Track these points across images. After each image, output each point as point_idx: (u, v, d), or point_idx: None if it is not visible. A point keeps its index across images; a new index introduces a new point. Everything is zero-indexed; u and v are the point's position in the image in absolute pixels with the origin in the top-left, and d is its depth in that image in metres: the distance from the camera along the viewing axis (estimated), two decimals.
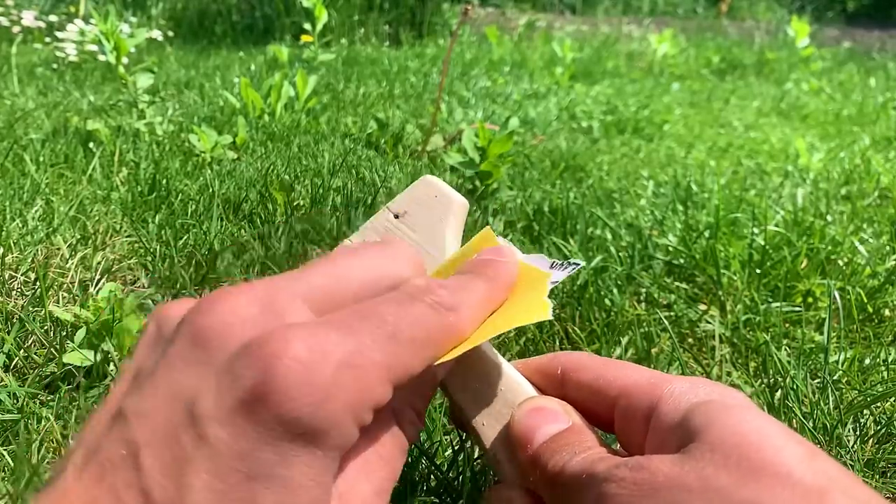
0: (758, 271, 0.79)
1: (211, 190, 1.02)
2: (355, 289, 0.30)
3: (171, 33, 3.15)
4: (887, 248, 0.90)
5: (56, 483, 0.26)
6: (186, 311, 0.28)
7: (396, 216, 0.38)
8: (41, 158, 1.13)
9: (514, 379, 0.35)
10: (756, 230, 0.86)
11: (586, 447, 0.30)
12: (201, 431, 0.25)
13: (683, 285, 0.80)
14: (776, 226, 0.91)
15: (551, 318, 0.32)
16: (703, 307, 0.76)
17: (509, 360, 0.35)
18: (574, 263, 0.36)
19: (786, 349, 0.67)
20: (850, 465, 0.51)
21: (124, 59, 1.29)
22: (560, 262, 0.35)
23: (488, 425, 0.34)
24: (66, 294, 0.72)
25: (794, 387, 0.58)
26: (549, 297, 0.33)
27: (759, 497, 0.24)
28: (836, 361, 0.64)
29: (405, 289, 0.30)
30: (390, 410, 0.30)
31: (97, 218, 0.90)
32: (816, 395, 0.58)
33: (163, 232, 0.87)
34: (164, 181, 1.03)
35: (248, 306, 0.28)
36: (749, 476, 0.25)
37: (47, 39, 2.61)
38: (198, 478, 0.25)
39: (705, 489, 0.25)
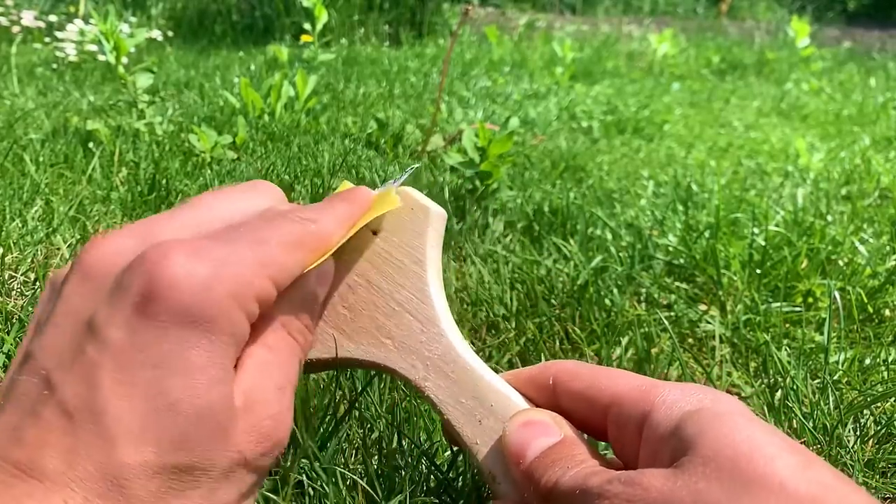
0: (758, 271, 0.79)
1: (211, 190, 1.02)
2: (222, 222, 0.33)
3: (170, 33, 3.15)
4: (887, 248, 0.90)
5: None
6: (76, 259, 0.31)
7: (375, 233, 0.37)
8: (41, 158, 1.13)
9: (503, 392, 0.35)
10: (756, 230, 0.86)
11: (579, 461, 0.30)
12: (103, 337, 0.27)
13: (684, 285, 0.80)
14: (776, 226, 0.91)
15: (398, 204, 0.35)
16: (703, 307, 0.76)
17: (507, 365, 0.35)
18: (410, 168, 0.37)
19: (786, 349, 0.67)
20: (851, 465, 0.51)
21: (124, 59, 1.28)
22: (400, 176, 0.37)
23: (481, 442, 0.34)
24: None
25: (795, 387, 0.58)
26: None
27: None
28: (837, 361, 0.64)
29: (269, 211, 0.33)
30: (280, 322, 0.33)
31: (97, 218, 0.90)
32: (816, 396, 0.58)
33: None
34: (164, 181, 1.03)
35: (126, 240, 0.31)
36: (742, 489, 0.25)
37: (47, 39, 2.61)
38: (107, 376, 0.27)
39: None
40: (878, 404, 0.58)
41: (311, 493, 0.43)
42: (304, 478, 0.43)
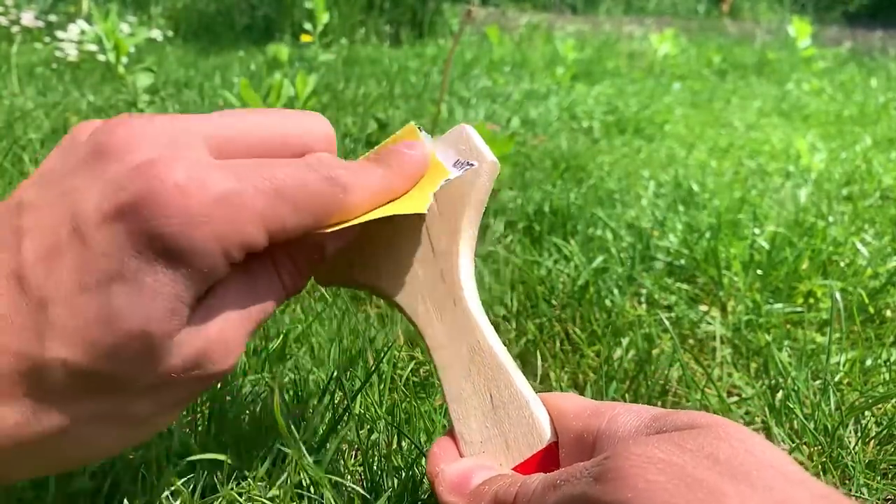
0: (759, 272, 0.79)
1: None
2: (258, 143, 0.32)
3: (170, 33, 3.15)
4: (889, 248, 0.89)
5: None
6: (97, 126, 0.30)
7: None
8: (40, 158, 1.13)
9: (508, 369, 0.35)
10: (757, 231, 0.85)
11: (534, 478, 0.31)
12: (78, 228, 0.27)
13: (684, 286, 0.80)
14: (777, 226, 0.91)
15: (425, 211, 0.32)
16: (704, 308, 0.76)
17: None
18: (469, 164, 0.34)
19: (787, 350, 0.67)
20: (852, 466, 0.50)
21: (124, 59, 1.28)
22: (462, 162, 0.35)
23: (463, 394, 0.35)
24: None
25: (796, 388, 0.58)
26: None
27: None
28: (838, 363, 0.64)
29: (306, 158, 0.31)
30: (270, 260, 0.32)
31: None
32: (818, 397, 0.58)
33: None
34: None
35: (153, 131, 0.30)
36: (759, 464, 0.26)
37: (47, 39, 2.61)
38: (65, 268, 0.27)
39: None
40: (880, 405, 0.58)
41: (310, 493, 0.42)
42: (302, 479, 0.43)
